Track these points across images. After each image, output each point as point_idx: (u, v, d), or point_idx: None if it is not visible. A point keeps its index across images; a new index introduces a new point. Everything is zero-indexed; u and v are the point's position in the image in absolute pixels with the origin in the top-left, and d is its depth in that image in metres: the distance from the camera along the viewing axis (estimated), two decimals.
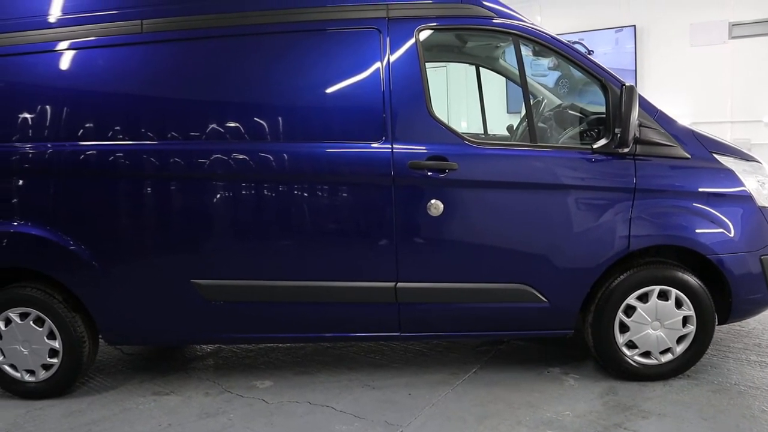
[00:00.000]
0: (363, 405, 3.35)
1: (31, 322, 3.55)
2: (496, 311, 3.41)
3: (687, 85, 7.90)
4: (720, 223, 3.35)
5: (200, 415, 3.34)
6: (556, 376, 3.60)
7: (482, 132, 4.99)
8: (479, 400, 3.35)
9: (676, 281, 3.37)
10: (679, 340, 3.42)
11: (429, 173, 3.26)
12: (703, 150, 3.40)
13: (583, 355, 3.81)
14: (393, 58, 3.30)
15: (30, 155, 3.46)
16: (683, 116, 3.52)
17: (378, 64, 3.30)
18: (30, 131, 3.47)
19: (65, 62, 3.49)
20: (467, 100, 7.72)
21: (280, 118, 3.35)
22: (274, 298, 3.41)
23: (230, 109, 3.39)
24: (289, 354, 4.10)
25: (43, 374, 3.60)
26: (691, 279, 3.36)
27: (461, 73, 7.67)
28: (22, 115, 3.49)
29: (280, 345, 4.20)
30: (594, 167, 3.33)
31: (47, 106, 3.47)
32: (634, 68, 8.15)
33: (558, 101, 4.28)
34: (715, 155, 3.41)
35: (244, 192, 3.36)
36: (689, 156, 3.36)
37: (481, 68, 4.77)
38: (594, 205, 3.34)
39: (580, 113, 3.77)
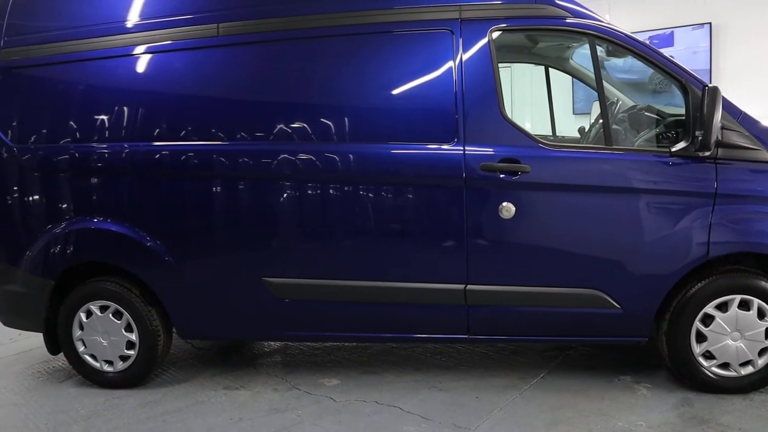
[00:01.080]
0: (430, 406, 3.35)
1: (110, 315, 3.71)
2: (567, 316, 3.35)
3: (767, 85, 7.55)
4: None
5: (269, 411, 3.40)
6: (628, 385, 3.51)
7: (550, 133, 4.91)
8: (548, 406, 3.30)
9: (759, 290, 3.23)
10: (761, 352, 3.28)
11: (501, 175, 3.23)
12: None
13: (655, 363, 3.70)
14: (465, 59, 3.28)
15: (107, 155, 3.61)
16: (763, 118, 3.36)
17: (450, 66, 3.29)
18: (107, 132, 3.62)
19: (142, 65, 3.63)
20: (531, 101, 7.59)
21: (353, 120, 3.38)
22: (342, 297, 3.45)
23: (305, 110, 3.44)
24: (355, 353, 4.13)
25: (120, 365, 3.75)
26: None
27: (526, 73, 7.56)
28: (100, 117, 3.65)
29: (346, 344, 4.24)
30: (672, 171, 3.23)
31: (124, 108, 3.61)
32: (708, 67, 7.85)
33: (631, 102, 4.17)
34: None
35: (318, 192, 3.42)
36: None
37: (550, 68, 4.69)
38: (671, 210, 3.24)
39: (657, 115, 3.66)
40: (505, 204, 3.24)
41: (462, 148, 3.26)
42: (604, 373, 3.66)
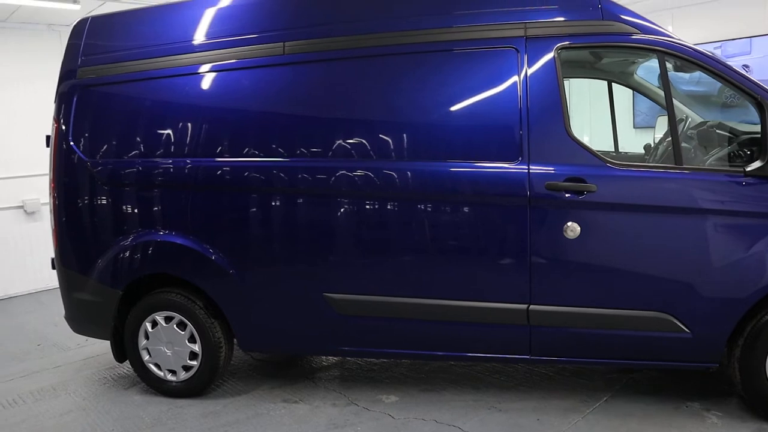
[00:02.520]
0: (490, 427, 3.30)
1: (174, 326, 3.80)
2: (633, 339, 3.26)
3: None
4: None
5: (328, 426, 3.42)
6: (696, 412, 3.38)
7: (612, 149, 4.81)
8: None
9: None
10: None
11: (566, 195, 3.18)
12: None
13: (726, 390, 3.57)
14: (531, 77, 3.25)
15: (172, 170, 3.71)
16: None
17: (514, 83, 3.27)
18: (173, 147, 3.73)
19: (207, 83, 3.73)
20: (590, 115, 7.44)
21: (414, 138, 3.39)
22: (403, 314, 3.44)
23: (365, 127, 3.47)
24: (413, 369, 4.12)
25: (183, 375, 3.84)
26: None
27: (584, 87, 7.42)
28: (166, 133, 3.76)
29: (404, 360, 4.23)
30: (745, 191, 3.11)
31: (189, 124, 3.72)
32: None
33: (700, 119, 4.05)
34: None
35: (378, 209, 3.43)
36: None
37: (613, 84, 4.61)
38: (745, 232, 3.12)
39: (729, 132, 3.54)
40: (570, 224, 3.19)
41: (526, 166, 3.22)
42: (671, 398, 3.54)
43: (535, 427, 3.29)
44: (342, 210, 3.47)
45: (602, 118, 5.14)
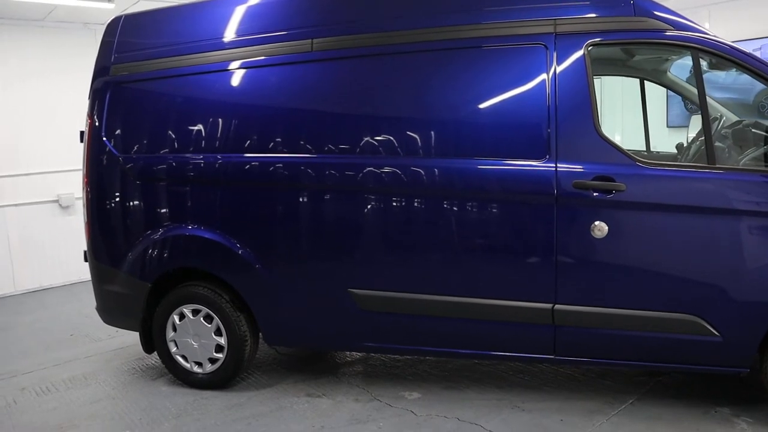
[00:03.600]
0: (513, 427, 3.28)
1: (201, 319, 3.85)
2: (661, 342, 3.20)
3: None
4: None
5: (350, 421, 3.43)
6: (726, 417, 3.31)
7: (644, 149, 4.73)
8: None
9: None
10: None
11: (594, 194, 3.13)
12: None
13: (757, 396, 3.48)
14: (560, 74, 3.21)
15: (202, 165, 3.76)
16: None
17: (543, 80, 3.23)
18: (203, 143, 3.78)
19: (237, 80, 3.77)
20: (623, 114, 7.33)
21: (441, 135, 3.38)
22: (427, 311, 3.44)
23: (392, 124, 3.47)
24: (437, 367, 4.11)
25: (209, 367, 3.89)
26: None
27: (617, 85, 7.31)
28: (196, 129, 3.81)
29: (427, 357, 4.22)
30: None
31: (219, 120, 3.76)
32: None
33: (735, 118, 3.96)
34: None
35: (404, 206, 3.43)
36: None
37: (645, 81, 4.53)
38: None
39: (766, 132, 3.45)
40: (597, 223, 3.14)
41: (554, 164, 3.18)
42: (699, 403, 3.47)
43: (558, 427, 3.26)
44: (368, 207, 3.47)
45: (634, 117, 5.05)
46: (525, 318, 3.31)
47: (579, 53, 3.21)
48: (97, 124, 4.05)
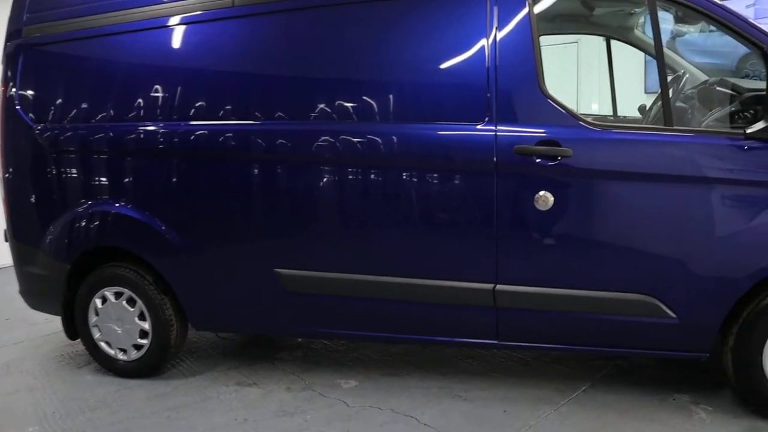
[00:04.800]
0: (450, 419, 2.99)
1: (124, 302, 3.55)
2: (613, 324, 2.90)
3: None
4: None
5: (277, 413, 3.15)
6: (684, 405, 3.02)
7: (612, 114, 4.39)
8: (586, 426, 2.88)
9: None
10: None
11: (538, 160, 2.80)
12: None
13: (718, 382, 3.18)
14: (500, 28, 2.85)
15: (119, 135, 3.42)
16: None
17: (483, 35, 2.87)
18: (121, 111, 3.43)
19: (154, 41, 3.41)
20: (600, 80, 6.95)
21: (367, 96, 3.02)
22: (359, 293, 3.13)
23: (317, 86, 3.12)
24: (380, 351, 3.82)
25: (134, 354, 3.60)
26: None
27: (594, 49, 6.92)
28: (113, 95, 3.47)
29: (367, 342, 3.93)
30: (746, 157, 2.70)
31: (138, 86, 3.40)
32: None
33: (703, 77, 3.61)
34: None
35: (331, 178, 3.09)
36: None
37: (612, 41, 4.17)
38: (743, 204, 2.71)
39: (732, 90, 3.10)
40: (542, 193, 2.81)
41: (494, 128, 2.84)
42: (658, 389, 3.19)
43: (500, 419, 2.97)
44: (287, 179, 3.14)
45: (617, 82, 4.69)
46: (464, 300, 3.00)
47: (523, 7, 2.85)
48: (11, 92, 3.70)
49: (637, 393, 3.15)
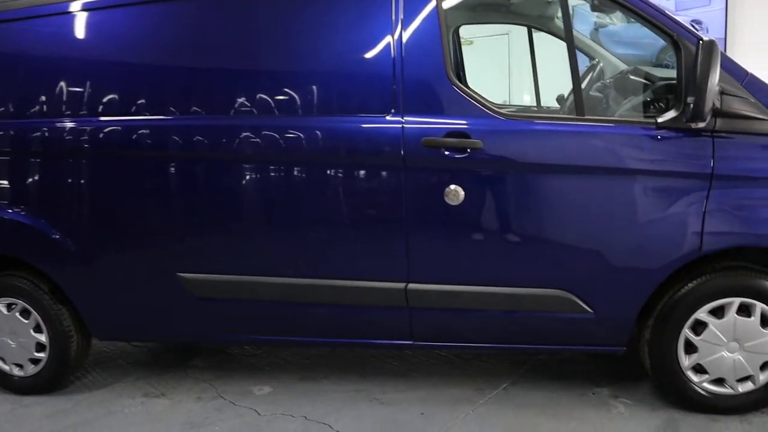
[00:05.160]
0: (363, 425, 2.86)
1: (17, 314, 3.28)
2: (528, 321, 2.82)
3: None
4: None
5: (184, 425, 2.96)
6: (603, 400, 2.97)
7: (535, 105, 4.33)
8: (504, 426, 2.79)
9: (763, 293, 2.66)
10: (764, 366, 2.72)
11: (446, 152, 2.68)
12: None
13: (637, 375, 3.15)
14: (406, 17, 2.71)
15: (9, 132, 3.14)
16: None
17: (388, 25, 2.73)
18: (16, 106, 3.15)
19: (44, 28, 3.12)
20: (531, 72, 6.93)
21: (268, 88, 2.84)
22: (267, 296, 2.96)
23: (216, 77, 2.92)
24: (298, 355, 3.65)
25: (31, 369, 3.33)
26: None
27: (525, 40, 6.89)
28: (10, 90, 3.17)
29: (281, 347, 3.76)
30: (658, 146, 2.64)
31: (33, 79, 3.12)
32: (724, 34, 6.99)
33: (623, 66, 3.57)
34: None
35: (234, 176, 2.90)
36: None
37: (534, 31, 4.10)
38: (656, 195, 2.66)
39: (645, 79, 3.05)
40: (452, 187, 2.69)
41: (400, 119, 2.71)
42: (579, 384, 3.13)
43: (416, 423, 2.85)
44: (187, 178, 2.94)
45: (547, 73, 4.62)
46: (377, 300, 2.86)
47: None
48: None
49: (557, 388, 3.09)
